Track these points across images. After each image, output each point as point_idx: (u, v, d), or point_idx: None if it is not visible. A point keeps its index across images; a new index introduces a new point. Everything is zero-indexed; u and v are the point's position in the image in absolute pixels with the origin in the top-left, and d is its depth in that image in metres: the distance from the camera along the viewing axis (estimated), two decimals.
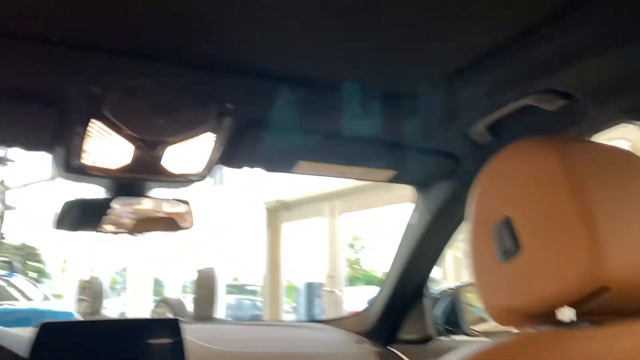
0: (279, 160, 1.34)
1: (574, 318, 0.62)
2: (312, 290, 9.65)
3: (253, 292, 14.33)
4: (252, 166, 1.33)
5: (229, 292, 13.11)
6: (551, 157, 0.66)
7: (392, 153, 1.34)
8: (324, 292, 7.85)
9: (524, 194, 0.67)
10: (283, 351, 1.57)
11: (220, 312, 8.09)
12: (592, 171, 0.65)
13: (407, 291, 1.67)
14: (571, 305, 0.62)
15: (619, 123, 1.08)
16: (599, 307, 0.62)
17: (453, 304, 1.81)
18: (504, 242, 0.66)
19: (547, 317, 0.63)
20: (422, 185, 1.53)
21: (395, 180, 1.47)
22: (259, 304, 12.67)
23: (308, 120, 1.18)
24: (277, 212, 8.55)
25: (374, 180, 1.49)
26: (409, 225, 1.60)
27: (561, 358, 0.58)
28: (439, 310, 1.82)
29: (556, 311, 0.62)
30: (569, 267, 0.60)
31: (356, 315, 1.87)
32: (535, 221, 0.64)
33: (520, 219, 0.65)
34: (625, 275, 0.60)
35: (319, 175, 1.42)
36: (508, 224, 0.66)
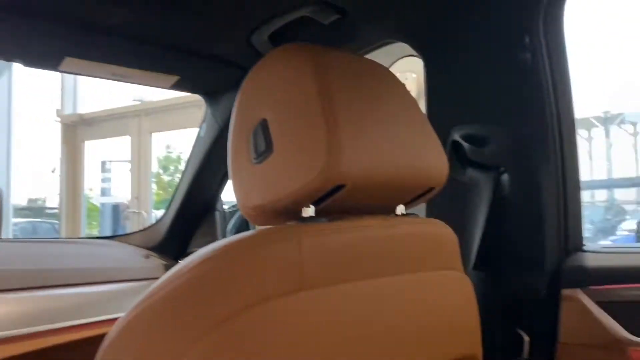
0: (41, 55, 1.18)
1: (313, 214, 0.66)
2: (116, 212, 9.20)
3: (54, 216, 13.26)
4: (8, 59, 1.15)
5: (24, 215, 11.95)
6: (305, 62, 0.67)
7: (175, 58, 1.27)
8: (130, 213, 7.54)
9: (280, 97, 0.67)
10: (61, 267, 1.46)
11: (8, 236, 7.33)
12: (340, 79, 0.68)
13: (197, 205, 1.66)
14: (313, 203, 0.65)
15: (386, 42, 1.15)
16: (337, 205, 0.67)
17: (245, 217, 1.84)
18: (259, 144, 0.66)
19: (293, 214, 0.66)
20: (210, 94, 1.49)
21: (180, 87, 1.40)
22: (59, 227, 11.80)
23: (74, 10, 1.04)
24: (77, 128, 7.81)
25: (155, 86, 1.40)
26: (198, 137, 1.57)
27: (293, 249, 0.62)
28: (230, 224, 1.85)
29: (302, 209, 0.65)
30: (312, 167, 0.63)
31: (145, 230, 1.82)
32: (287, 123, 0.66)
33: (274, 121, 0.66)
34: (358, 174, 0.65)
35: (91, 75, 1.28)
36: (264, 126, 0.66)
